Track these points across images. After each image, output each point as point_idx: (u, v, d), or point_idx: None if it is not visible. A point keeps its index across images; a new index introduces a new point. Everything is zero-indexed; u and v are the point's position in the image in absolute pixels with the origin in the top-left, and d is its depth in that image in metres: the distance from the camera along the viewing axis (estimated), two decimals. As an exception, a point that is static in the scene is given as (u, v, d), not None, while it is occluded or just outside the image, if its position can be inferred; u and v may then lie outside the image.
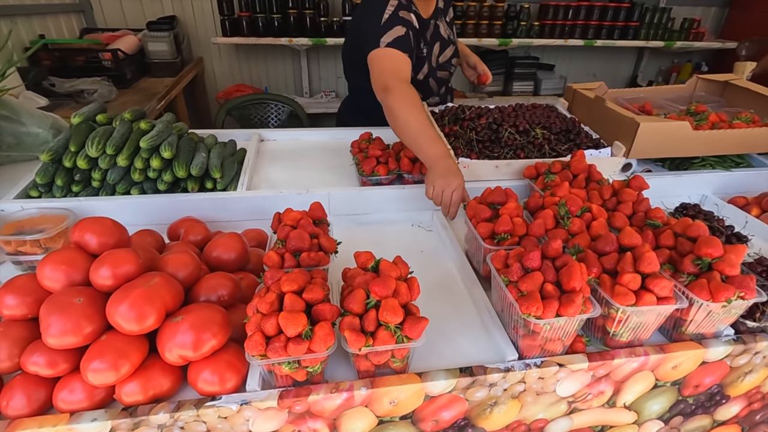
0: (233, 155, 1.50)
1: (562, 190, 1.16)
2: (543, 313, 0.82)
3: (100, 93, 2.46)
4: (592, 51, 4.13)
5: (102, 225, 0.90)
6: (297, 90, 3.90)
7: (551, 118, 1.72)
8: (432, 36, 1.77)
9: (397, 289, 0.84)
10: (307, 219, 1.05)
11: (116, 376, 0.77)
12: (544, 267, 0.88)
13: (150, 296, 0.79)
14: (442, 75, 1.89)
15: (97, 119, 1.36)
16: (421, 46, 1.71)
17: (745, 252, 0.92)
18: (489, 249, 1.05)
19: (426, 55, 1.75)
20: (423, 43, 1.71)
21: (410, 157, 1.43)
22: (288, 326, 0.76)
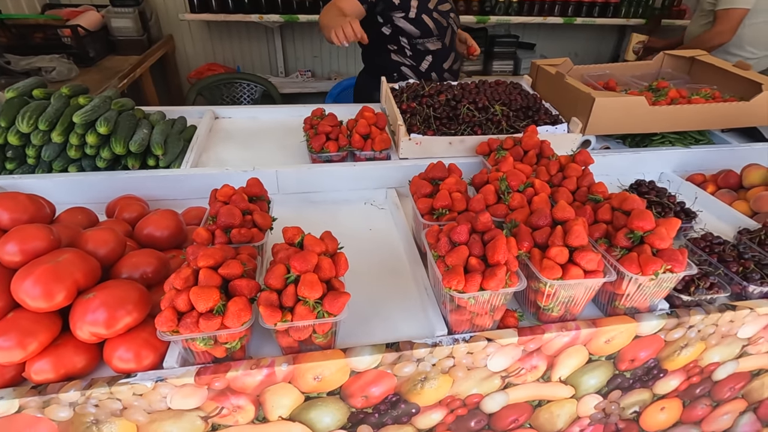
0: (181, 132, 1.46)
1: (505, 164, 1.14)
2: (465, 287, 0.80)
3: (59, 71, 2.37)
4: (573, 29, 4.07)
5: (14, 200, 0.86)
6: (272, 69, 3.81)
7: (513, 94, 1.69)
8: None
9: (319, 264, 0.82)
10: (241, 195, 1.03)
11: (23, 354, 0.74)
12: (471, 241, 0.86)
13: (57, 272, 0.76)
14: (438, 18, 1.96)
15: (34, 94, 1.30)
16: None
17: (678, 225, 0.91)
18: (426, 224, 1.03)
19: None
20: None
21: (362, 134, 1.39)
22: (199, 301, 0.74)
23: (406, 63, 2.05)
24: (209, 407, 0.84)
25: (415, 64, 2.05)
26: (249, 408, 0.86)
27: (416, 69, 2.07)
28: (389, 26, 1.92)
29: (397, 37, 1.96)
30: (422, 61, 2.04)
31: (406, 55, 2.02)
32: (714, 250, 1.09)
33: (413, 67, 2.06)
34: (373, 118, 1.43)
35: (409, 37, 1.96)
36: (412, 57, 2.03)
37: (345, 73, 3.95)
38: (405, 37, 1.96)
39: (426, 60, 2.04)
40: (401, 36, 1.96)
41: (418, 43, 1.98)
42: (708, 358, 1.09)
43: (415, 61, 2.04)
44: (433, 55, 2.04)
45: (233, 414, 0.86)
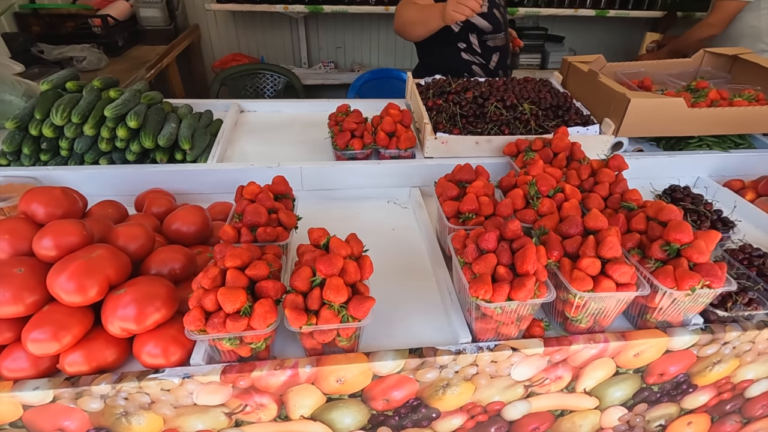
0: (207, 126, 1.47)
1: (535, 168, 1.11)
2: (493, 297, 0.79)
3: (90, 60, 2.42)
4: (604, 22, 3.93)
5: (49, 195, 0.88)
6: (295, 60, 3.81)
7: (542, 92, 1.64)
8: None
9: (344, 267, 0.82)
10: (267, 193, 1.03)
11: (58, 347, 0.77)
12: (500, 249, 0.84)
13: (90, 268, 0.78)
14: (502, 12, 1.92)
15: (67, 87, 1.33)
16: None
17: (717, 238, 0.87)
18: (452, 228, 1.01)
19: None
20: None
21: (387, 132, 1.38)
22: (226, 302, 0.75)
23: (476, 61, 1.94)
24: (233, 404, 0.85)
25: (484, 62, 1.95)
26: (272, 406, 0.87)
27: (486, 67, 1.96)
28: (461, 22, 1.79)
29: (466, 34, 1.86)
30: (491, 58, 1.95)
31: (475, 53, 1.92)
32: (753, 263, 1.04)
33: (483, 66, 1.95)
34: (398, 116, 1.41)
35: (479, 33, 1.86)
36: (482, 55, 1.92)
37: (368, 65, 3.92)
38: (475, 33, 1.86)
39: (494, 57, 1.95)
40: (471, 32, 1.86)
41: (488, 39, 1.89)
42: (741, 375, 1.05)
43: (484, 58, 1.94)
44: (500, 51, 1.95)
45: (256, 411, 0.88)
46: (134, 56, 2.78)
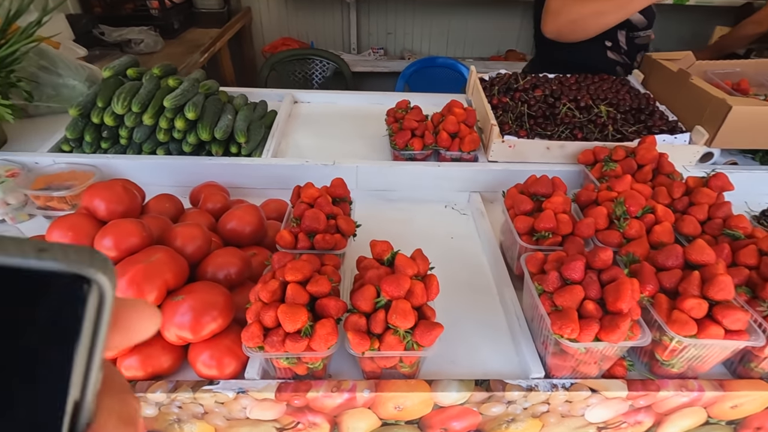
0: (262, 118, 1.43)
1: (622, 184, 0.99)
2: (579, 336, 0.70)
3: (147, 43, 2.44)
4: (681, 11, 3.58)
5: (112, 191, 0.86)
6: (345, 46, 3.73)
7: (621, 93, 1.49)
8: None
9: (411, 289, 0.75)
10: (326, 197, 0.97)
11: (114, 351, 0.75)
12: (587, 280, 0.75)
13: (149, 273, 0.75)
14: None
15: (128, 73, 1.32)
16: None
17: None
18: (525, 248, 0.92)
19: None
20: None
21: (450, 132, 1.28)
22: (287, 321, 0.70)
23: (620, 61, 1.74)
24: (285, 420, 0.82)
25: (629, 62, 1.75)
26: (324, 426, 0.83)
27: (629, 68, 1.74)
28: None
29: (615, 30, 1.63)
30: (635, 58, 1.75)
31: (621, 51, 1.72)
32: None
33: (627, 66, 1.75)
34: (462, 115, 1.31)
35: (631, 28, 1.66)
36: (627, 53, 1.73)
37: (419, 52, 3.79)
38: (625, 29, 1.66)
39: (638, 57, 1.74)
40: (621, 28, 1.65)
41: (637, 36, 1.69)
42: None
43: (629, 58, 1.74)
44: (644, 50, 1.74)
45: (308, 429, 0.84)
46: (188, 39, 2.79)
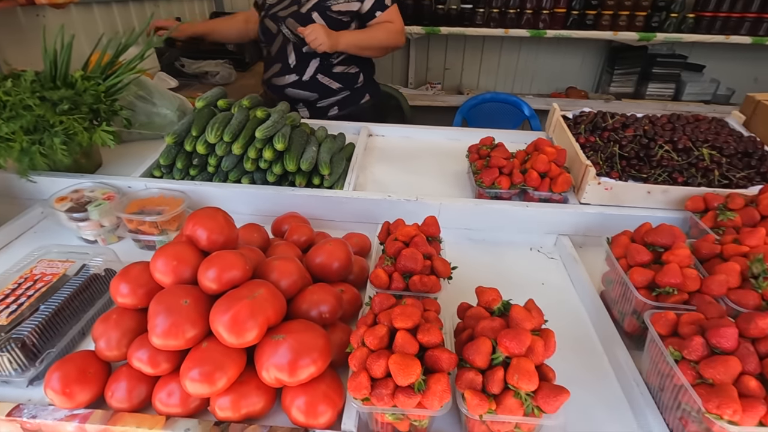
0: (341, 150, 1.43)
1: (754, 237, 0.89)
2: (741, 419, 0.60)
3: (222, 75, 2.57)
4: (757, 50, 3.41)
5: (214, 221, 0.86)
6: (402, 80, 3.80)
7: (722, 135, 1.38)
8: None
9: (531, 345, 0.68)
10: (422, 236, 0.93)
11: (212, 389, 0.71)
12: (742, 351, 0.65)
13: (253, 309, 0.72)
14: (271, 27, 1.90)
15: (218, 104, 1.36)
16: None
17: None
18: (646, 304, 0.83)
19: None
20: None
21: (540, 171, 1.23)
22: (399, 374, 0.65)
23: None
24: (379, 480, 0.75)
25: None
26: (420, 491, 0.75)
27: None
28: None
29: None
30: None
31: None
32: None
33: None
34: (553, 154, 1.25)
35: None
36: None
37: (475, 88, 3.80)
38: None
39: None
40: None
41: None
42: None
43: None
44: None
45: (402, 493, 0.76)
46: (258, 72, 2.92)
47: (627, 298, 0.89)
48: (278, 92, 1.98)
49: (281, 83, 1.94)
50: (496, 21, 3.11)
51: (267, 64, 1.99)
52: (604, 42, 3.45)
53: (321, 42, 1.72)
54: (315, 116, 2.02)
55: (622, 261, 0.92)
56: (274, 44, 1.90)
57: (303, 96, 1.97)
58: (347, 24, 1.86)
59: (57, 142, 1.16)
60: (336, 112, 2.05)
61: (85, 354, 0.81)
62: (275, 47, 1.90)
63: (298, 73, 1.91)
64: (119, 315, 0.81)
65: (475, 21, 3.12)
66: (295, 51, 1.87)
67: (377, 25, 1.89)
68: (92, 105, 1.22)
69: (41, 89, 1.16)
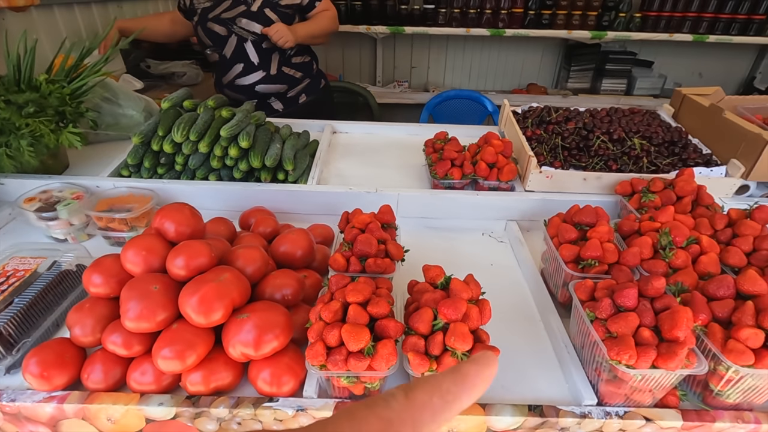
0: (306, 147, 1.50)
1: (665, 214, 1.02)
2: (636, 363, 0.71)
3: (189, 76, 2.59)
4: (700, 47, 3.66)
5: (181, 214, 0.92)
6: (370, 78, 3.88)
7: (652, 126, 1.53)
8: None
9: (467, 312, 0.78)
10: (376, 223, 1.01)
11: (183, 366, 0.78)
12: (641, 308, 0.76)
13: (220, 291, 0.80)
14: (220, 30, 1.91)
15: (184, 105, 1.41)
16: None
17: None
18: (572, 275, 0.94)
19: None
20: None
21: (488, 162, 1.33)
22: (350, 341, 0.73)
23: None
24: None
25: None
26: (376, 448, 0.84)
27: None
28: None
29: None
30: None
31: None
32: None
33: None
34: (500, 146, 1.36)
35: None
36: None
37: (441, 85, 3.91)
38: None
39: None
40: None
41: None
42: None
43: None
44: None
45: (360, 451, 0.85)
46: (226, 72, 2.94)
47: (559, 271, 1.00)
48: (246, 92, 2.02)
49: (249, 82, 1.99)
50: (457, 21, 3.23)
51: (223, 68, 2.00)
52: (560, 40, 3.62)
53: (287, 39, 1.81)
54: (288, 106, 2.10)
55: (555, 240, 1.03)
56: (227, 46, 1.92)
57: (273, 90, 2.04)
58: (293, 17, 1.94)
59: (24, 144, 1.19)
60: (305, 99, 2.14)
61: (61, 341, 0.86)
62: (230, 49, 1.93)
63: (264, 69, 1.97)
64: (92, 303, 0.87)
65: (438, 21, 3.23)
66: (255, 48, 1.91)
67: (320, 14, 2.00)
68: (58, 107, 1.26)
69: (6, 93, 1.19)
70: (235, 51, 1.93)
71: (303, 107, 2.14)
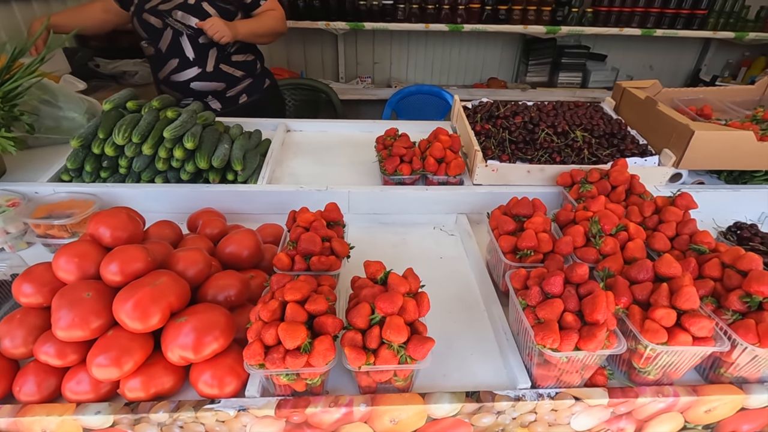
0: (257, 147, 1.49)
1: (596, 204, 1.07)
2: (560, 346, 0.75)
3: (141, 75, 2.52)
4: (650, 41, 3.81)
5: (116, 219, 0.90)
6: (333, 75, 3.86)
7: (595, 119, 1.59)
8: None
9: (404, 306, 0.80)
10: (321, 221, 1.02)
11: (119, 373, 0.77)
12: (566, 294, 0.81)
13: (155, 296, 0.79)
14: (155, 22, 1.82)
15: (127, 106, 1.38)
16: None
17: (806, 292, 0.81)
18: (509, 265, 0.98)
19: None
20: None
21: (436, 157, 1.36)
22: (287, 338, 0.74)
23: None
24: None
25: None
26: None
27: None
28: None
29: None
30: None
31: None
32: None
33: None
34: (448, 141, 1.39)
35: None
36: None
37: (405, 80, 3.94)
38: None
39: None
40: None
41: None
42: (822, 437, 0.96)
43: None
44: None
45: (306, 446, 0.86)
46: (182, 70, 2.87)
47: (500, 262, 1.04)
48: (181, 89, 1.93)
49: (183, 78, 1.90)
50: (416, 16, 3.25)
51: (158, 62, 1.91)
52: (518, 35, 3.70)
53: (223, 33, 1.73)
54: (227, 106, 2.02)
55: (496, 231, 1.07)
56: (163, 40, 1.83)
57: (210, 88, 1.95)
58: (234, 14, 1.87)
59: (-50, 151, 1.13)
60: (246, 99, 2.06)
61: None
62: (165, 43, 1.84)
63: (200, 66, 1.88)
64: (23, 314, 0.84)
65: (397, 16, 3.25)
66: (191, 43, 1.84)
67: (264, 13, 1.93)
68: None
69: (-72, 97, 1.13)
70: (171, 45, 1.84)
71: (243, 108, 2.06)
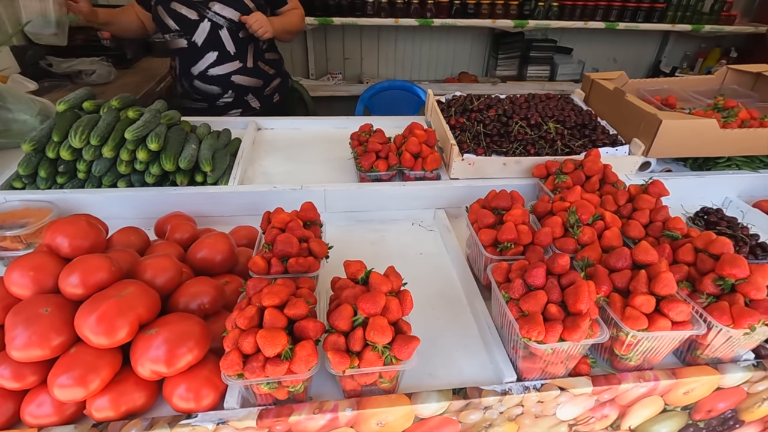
0: (226, 146, 1.43)
1: (573, 194, 1.08)
2: (545, 338, 0.75)
3: (99, 74, 2.39)
4: (613, 34, 3.92)
5: (75, 227, 0.84)
6: (303, 71, 3.79)
7: (566, 110, 1.61)
8: None
9: (387, 305, 0.78)
10: (297, 221, 0.99)
11: (85, 392, 0.72)
12: (549, 285, 0.80)
13: (121, 308, 0.74)
14: (188, 13, 1.78)
15: (84, 106, 1.29)
16: None
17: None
18: (490, 259, 0.98)
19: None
20: None
21: (412, 153, 1.34)
22: (266, 346, 0.71)
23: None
24: (268, 449, 0.81)
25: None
26: (307, 450, 0.83)
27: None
28: None
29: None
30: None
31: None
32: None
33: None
34: (423, 136, 1.37)
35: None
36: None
37: (376, 76, 3.90)
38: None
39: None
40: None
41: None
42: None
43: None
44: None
45: (291, 455, 0.83)
46: (144, 68, 2.74)
47: (480, 255, 1.03)
48: (220, 82, 1.88)
49: (223, 72, 1.85)
50: (386, 11, 3.22)
51: (192, 56, 1.83)
52: (487, 29, 3.73)
53: (267, 29, 1.71)
54: (264, 105, 1.99)
55: (475, 225, 1.06)
56: (199, 32, 1.76)
57: (250, 83, 1.91)
58: (265, 9, 1.86)
59: None
60: (278, 99, 2.05)
61: (-63, 380, 0.76)
62: (201, 36, 1.77)
63: (241, 60, 1.84)
64: (-26, 335, 0.78)
65: (366, 11, 3.21)
66: (231, 37, 1.78)
67: (290, 11, 1.94)
68: (-75, 115, 1.10)
69: None
70: (208, 38, 1.77)
71: (276, 107, 2.02)
